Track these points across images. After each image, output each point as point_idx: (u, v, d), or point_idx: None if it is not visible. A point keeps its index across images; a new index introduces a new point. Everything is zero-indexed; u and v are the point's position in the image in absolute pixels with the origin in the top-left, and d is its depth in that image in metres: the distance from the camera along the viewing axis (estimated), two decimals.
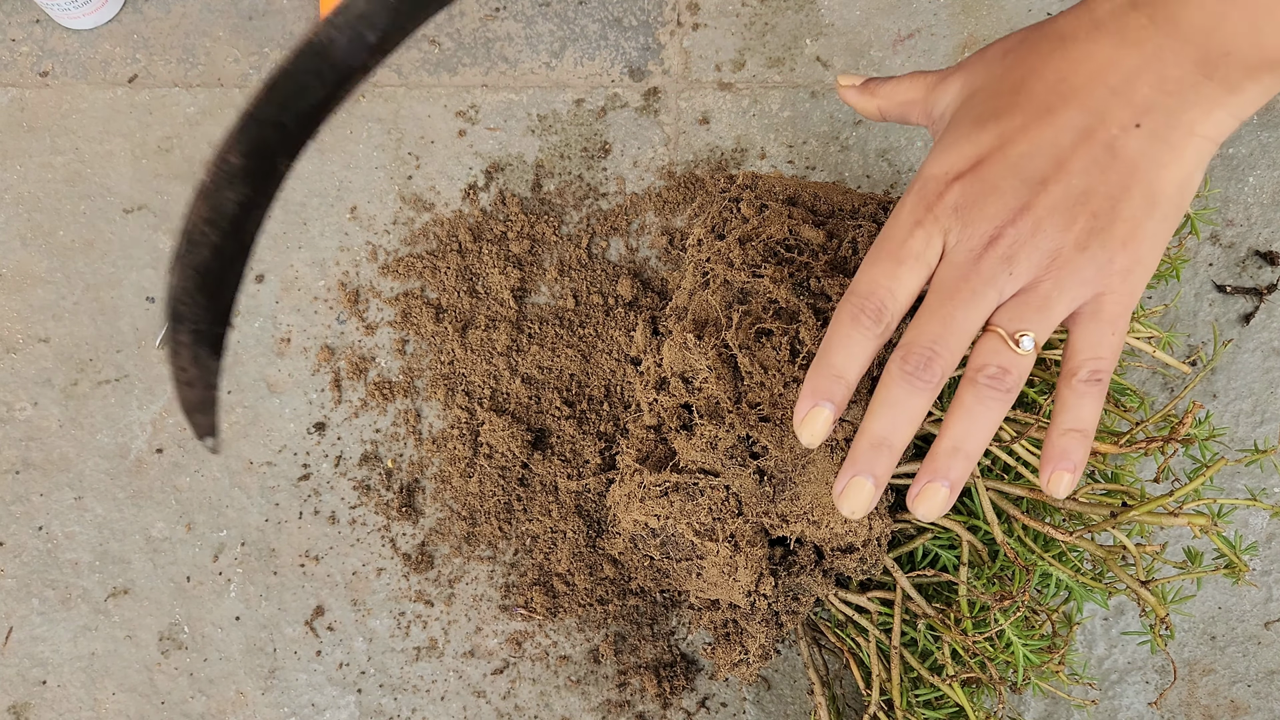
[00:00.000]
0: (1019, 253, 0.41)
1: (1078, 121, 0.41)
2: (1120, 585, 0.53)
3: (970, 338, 0.42)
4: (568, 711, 0.66)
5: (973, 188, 0.42)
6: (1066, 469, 0.43)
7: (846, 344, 0.44)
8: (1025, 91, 0.42)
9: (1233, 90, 0.40)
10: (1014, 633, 0.51)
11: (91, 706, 0.66)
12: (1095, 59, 0.41)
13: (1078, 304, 0.42)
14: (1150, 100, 0.40)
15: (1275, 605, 0.69)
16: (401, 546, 0.68)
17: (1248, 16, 0.38)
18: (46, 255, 0.71)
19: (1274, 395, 0.71)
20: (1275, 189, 0.73)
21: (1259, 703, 0.68)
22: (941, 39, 0.74)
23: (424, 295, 0.71)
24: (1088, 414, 0.43)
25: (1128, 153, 0.41)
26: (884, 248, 0.43)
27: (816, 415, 0.44)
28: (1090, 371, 0.43)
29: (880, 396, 0.43)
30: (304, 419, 0.69)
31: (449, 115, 0.73)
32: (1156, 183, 0.41)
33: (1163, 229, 0.42)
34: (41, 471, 0.69)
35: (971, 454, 0.43)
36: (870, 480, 0.44)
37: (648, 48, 0.74)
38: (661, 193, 0.72)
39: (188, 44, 0.74)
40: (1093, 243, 0.41)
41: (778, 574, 0.54)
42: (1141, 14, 0.40)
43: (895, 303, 0.43)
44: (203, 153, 0.72)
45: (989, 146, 0.42)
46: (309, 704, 0.66)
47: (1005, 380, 0.42)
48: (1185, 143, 0.41)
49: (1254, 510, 0.69)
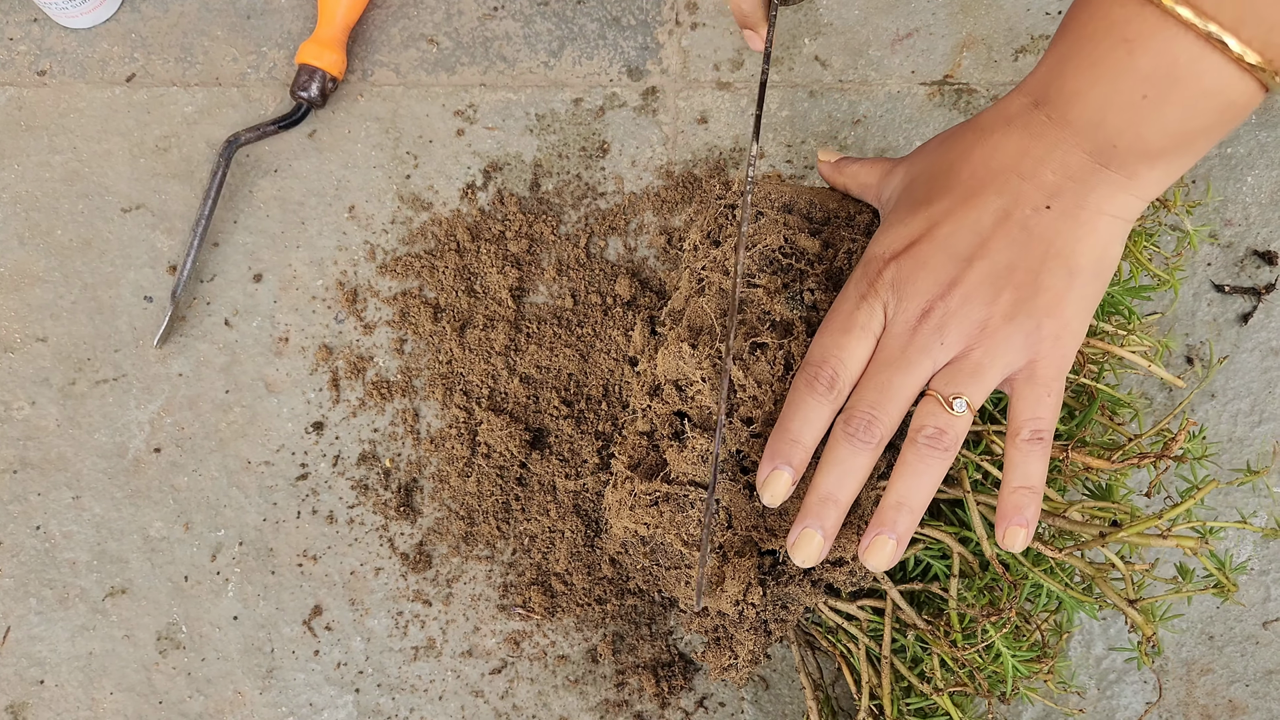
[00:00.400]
0: (949, 323, 0.46)
1: (996, 204, 0.46)
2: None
3: (908, 401, 0.47)
4: (566, 711, 0.66)
5: (907, 265, 0.47)
6: (1020, 524, 0.47)
7: (803, 411, 0.48)
8: (952, 177, 0.48)
9: (1130, 176, 0.45)
10: (1003, 644, 0.51)
11: (89, 706, 0.66)
12: (1007, 150, 0.46)
13: (1012, 369, 0.47)
14: (1056, 184, 0.45)
15: (1273, 605, 0.69)
16: (399, 546, 0.68)
17: (1124, 116, 0.43)
18: (44, 254, 0.71)
19: (1272, 395, 0.71)
20: (1273, 189, 0.73)
21: (1257, 702, 0.68)
22: (940, 38, 0.74)
23: (422, 295, 0.71)
24: (1035, 471, 0.47)
25: (1042, 230, 0.45)
26: (834, 320, 0.48)
27: (777, 478, 0.48)
28: (1031, 431, 0.46)
29: (827, 456, 0.48)
30: (302, 418, 0.69)
31: (447, 114, 0.73)
32: (1073, 256, 0.46)
33: (1086, 296, 0.46)
34: (39, 471, 0.69)
35: (915, 508, 0.47)
36: (819, 532, 0.48)
37: (646, 47, 0.74)
38: (660, 192, 0.72)
39: (186, 43, 0.74)
40: (1019, 313, 0.45)
41: (766, 584, 0.54)
42: (1042, 112, 0.46)
43: (846, 371, 0.47)
44: (201, 152, 0.72)
45: (921, 229, 0.47)
46: (307, 703, 0.66)
47: (942, 440, 0.46)
48: (1095, 220, 0.46)
49: (1251, 513, 0.69)
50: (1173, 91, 0.42)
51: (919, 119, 0.73)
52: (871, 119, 0.73)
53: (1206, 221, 0.72)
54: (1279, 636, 0.69)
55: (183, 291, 0.69)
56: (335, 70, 0.71)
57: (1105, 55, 0.43)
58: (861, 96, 0.74)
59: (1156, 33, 0.41)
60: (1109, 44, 0.43)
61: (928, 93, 0.74)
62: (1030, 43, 0.74)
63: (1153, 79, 0.42)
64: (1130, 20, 0.42)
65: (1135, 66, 0.42)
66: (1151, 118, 0.43)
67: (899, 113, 0.73)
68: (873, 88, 0.74)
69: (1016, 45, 0.74)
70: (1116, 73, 0.43)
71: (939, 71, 0.74)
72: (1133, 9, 0.42)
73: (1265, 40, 0.40)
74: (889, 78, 0.74)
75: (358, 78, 0.74)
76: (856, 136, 0.73)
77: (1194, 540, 0.48)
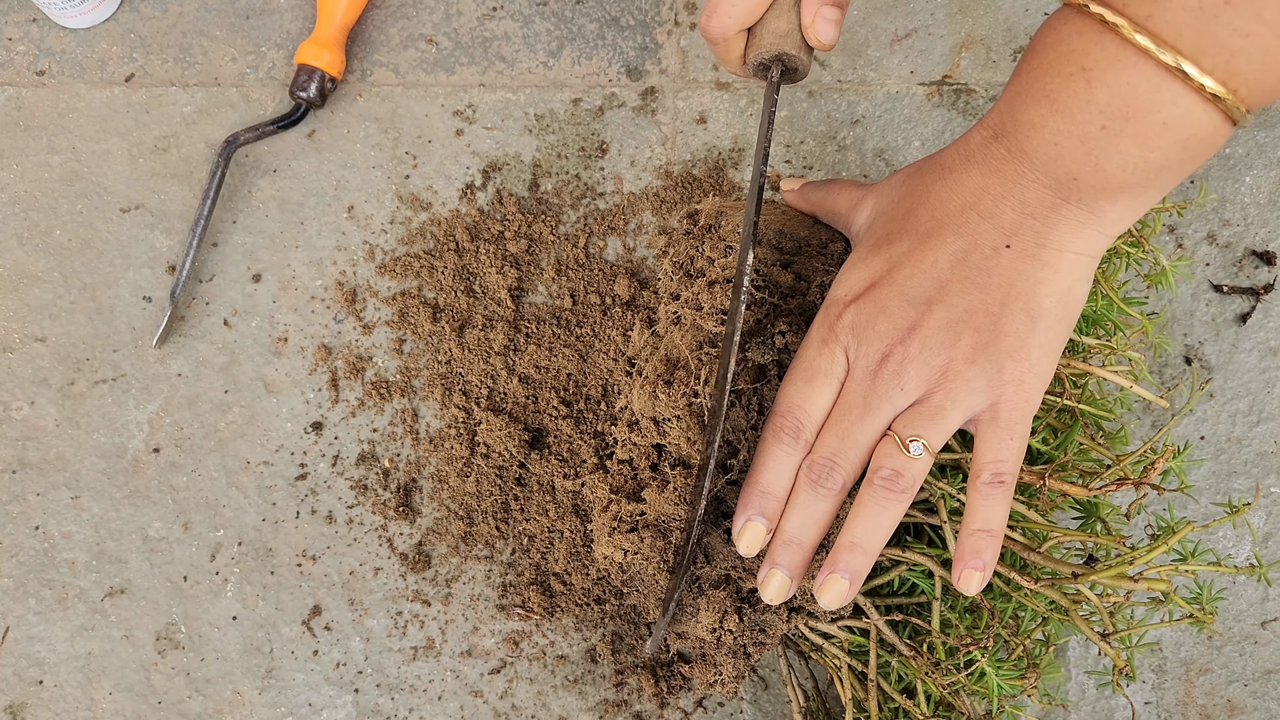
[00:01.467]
0: (907, 369, 0.45)
1: (954, 245, 0.45)
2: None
3: (869, 447, 0.47)
4: (565, 711, 0.66)
5: (865, 309, 0.46)
6: (976, 568, 0.47)
7: (771, 462, 0.48)
8: (911, 219, 0.47)
9: (1092, 210, 0.44)
10: (989, 665, 0.51)
11: (88, 706, 0.66)
12: (967, 187, 0.45)
13: (974, 412, 0.46)
14: (1016, 223, 0.44)
15: (1272, 605, 0.69)
16: (399, 546, 0.68)
17: (1082, 147, 0.42)
18: (43, 254, 0.71)
19: (1270, 395, 0.71)
20: (1272, 189, 0.73)
21: (1255, 702, 0.68)
22: (939, 38, 0.74)
23: (421, 295, 0.71)
24: (995, 515, 0.46)
25: (1001, 271, 0.45)
26: (797, 367, 0.48)
27: (751, 529, 0.49)
28: (993, 474, 0.46)
29: (792, 501, 0.48)
30: (301, 419, 0.69)
31: (446, 115, 0.73)
32: (1034, 298, 0.45)
33: (1049, 339, 0.45)
34: (38, 471, 0.69)
35: (870, 550, 0.47)
36: (785, 572, 0.49)
37: (645, 47, 0.74)
38: (659, 192, 0.72)
39: (185, 43, 0.74)
40: (979, 356, 0.45)
41: (743, 611, 0.54)
42: (1001, 145, 0.45)
43: (810, 419, 0.48)
44: (200, 152, 0.72)
45: (880, 272, 0.47)
46: (306, 704, 0.66)
47: (898, 482, 0.46)
48: (1058, 259, 0.45)
49: (1252, 509, 0.70)
50: (1131, 123, 0.40)
51: (918, 119, 0.73)
52: (870, 119, 0.73)
53: (1205, 222, 0.72)
54: (1277, 636, 0.69)
55: (182, 291, 0.69)
56: (334, 70, 0.71)
57: (1063, 85, 0.42)
58: (860, 97, 0.74)
59: (1114, 61, 0.40)
60: (1067, 73, 0.41)
61: (926, 93, 0.74)
62: (1028, 42, 0.74)
63: (1110, 110, 0.41)
64: (1089, 49, 0.41)
65: (1093, 97, 0.41)
66: (1110, 150, 0.41)
67: (898, 113, 0.73)
68: (871, 88, 0.74)
69: (1015, 45, 0.74)
70: (1074, 103, 0.41)
71: (938, 72, 0.74)
72: (1091, 37, 0.41)
73: (1227, 69, 0.39)
74: (888, 78, 0.74)
75: (357, 78, 0.74)
76: (855, 136, 0.73)
77: (1165, 583, 0.48)
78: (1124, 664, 0.50)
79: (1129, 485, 0.49)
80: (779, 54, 0.52)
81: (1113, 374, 0.53)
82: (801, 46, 0.52)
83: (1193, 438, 0.71)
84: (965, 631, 0.54)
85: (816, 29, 0.51)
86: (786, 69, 0.53)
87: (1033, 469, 0.51)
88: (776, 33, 0.51)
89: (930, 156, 0.49)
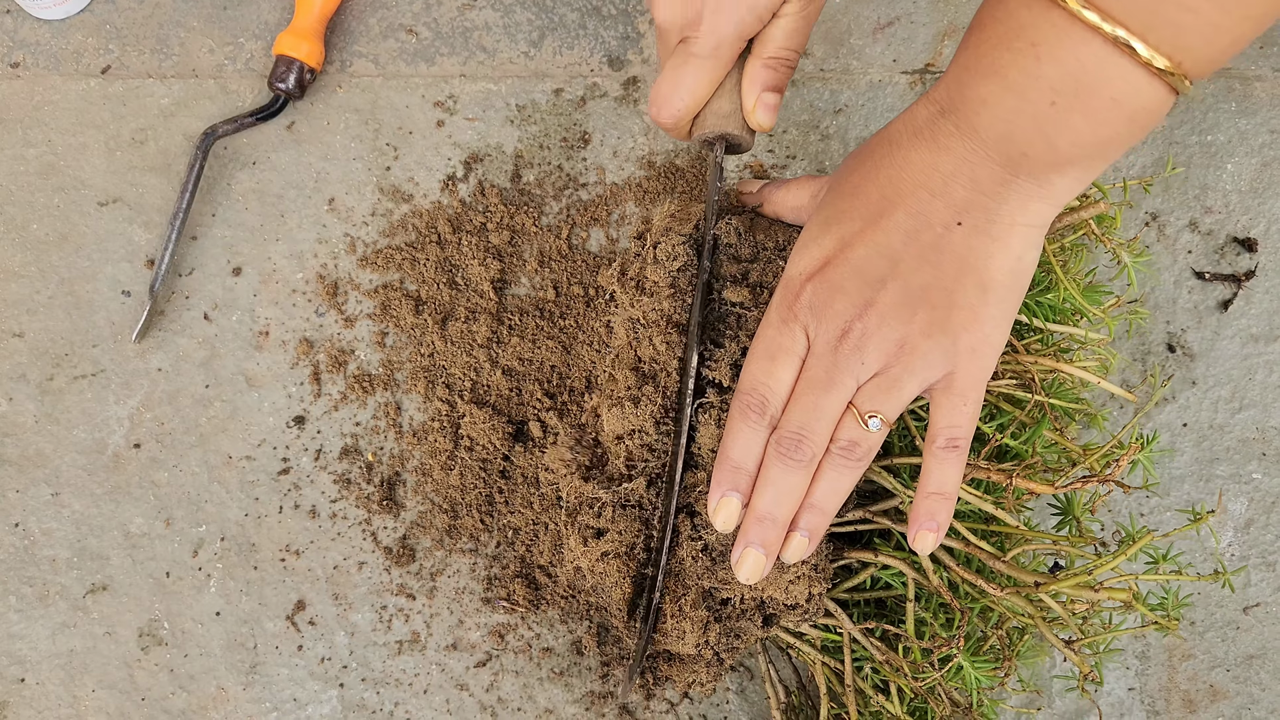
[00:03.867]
0: (867, 344, 0.47)
1: (905, 224, 0.46)
2: None
3: (834, 418, 0.48)
4: (551, 703, 0.66)
5: (822, 288, 0.48)
6: (930, 529, 0.49)
7: (741, 439, 0.49)
8: (862, 196, 0.48)
9: (1042, 184, 0.44)
10: (965, 659, 0.52)
11: (71, 704, 0.66)
12: (915, 165, 0.46)
13: (930, 382, 0.48)
14: (967, 200, 0.45)
15: (1254, 590, 0.70)
16: (383, 540, 0.68)
17: (1034, 124, 0.42)
18: (20, 249, 0.70)
19: (1252, 381, 0.71)
20: (1253, 176, 0.73)
21: (1238, 687, 0.69)
22: (921, 26, 0.74)
23: (403, 287, 0.70)
24: (950, 478, 0.48)
25: (954, 248, 0.46)
26: (759, 346, 0.50)
27: (726, 504, 0.50)
28: (947, 439, 0.48)
29: (763, 477, 0.49)
30: (283, 413, 0.69)
31: (427, 105, 0.73)
32: (986, 272, 0.46)
33: (1002, 310, 0.47)
34: (17, 468, 0.68)
35: (828, 510, 0.50)
36: (761, 550, 0.50)
37: (627, 37, 0.74)
38: (642, 182, 0.72)
39: (161, 34, 0.73)
40: (935, 330, 0.46)
41: (721, 617, 0.55)
42: (949, 121, 0.45)
43: (775, 395, 0.49)
44: (178, 144, 0.72)
45: (832, 249, 0.48)
46: (290, 699, 0.66)
47: (855, 452, 0.48)
48: (1009, 233, 0.45)
49: (1231, 495, 0.70)
50: (1081, 99, 0.41)
51: (900, 108, 0.73)
52: (853, 108, 0.73)
53: (1186, 209, 0.73)
54: (1260, 622, 0.69)
55: (161, 286, 0.69)
56: (313, 61, 0.70)
57: (1012, 61, 0.42)
58: (843, 85, 0.73)
59: (1064, 37, 0.40)
60: (1016, 49, 0.41)
61: (909, 81, 0.74)
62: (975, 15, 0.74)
63: (1060, 86, 0.41)
64: (1038, 24, 0.41)
65: (1042, 73, 0.41)
66: (1061, 126, 0.42)
67: (880, 101, 0.73)
68: (854, 77, 0.74)
69: None
70: (1024, 80, 0.41)
71: (920, 60, 0.74)
72: (1039, 12, 0.41)
73: (1174, 44, 0.39)
74: (870, 66, 0.74)
75: (336, 69, 0.73)
76: (838, 125, 0.73)
77: (1125, 594, 0.49)
78: (1089, 670, 0.51)
79: (1094, 482, 0.50)
80: (722, 134, 0.54)
81: (1081, 369, 0.54)
82: (743, 126, 0.54)
83: (1175, 425, 0.71)
84: (939, 630, 0.54)
85: (757, 114, 0.54)
86: (730, 145, 0.56)
87: (1000, 467, 0.52)
88: (720, 113, 0.54)
89: (877, 134, 0.49)
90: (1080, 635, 0.52)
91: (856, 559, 0.56)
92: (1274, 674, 0.69)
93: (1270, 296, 0.72)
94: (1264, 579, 0.69)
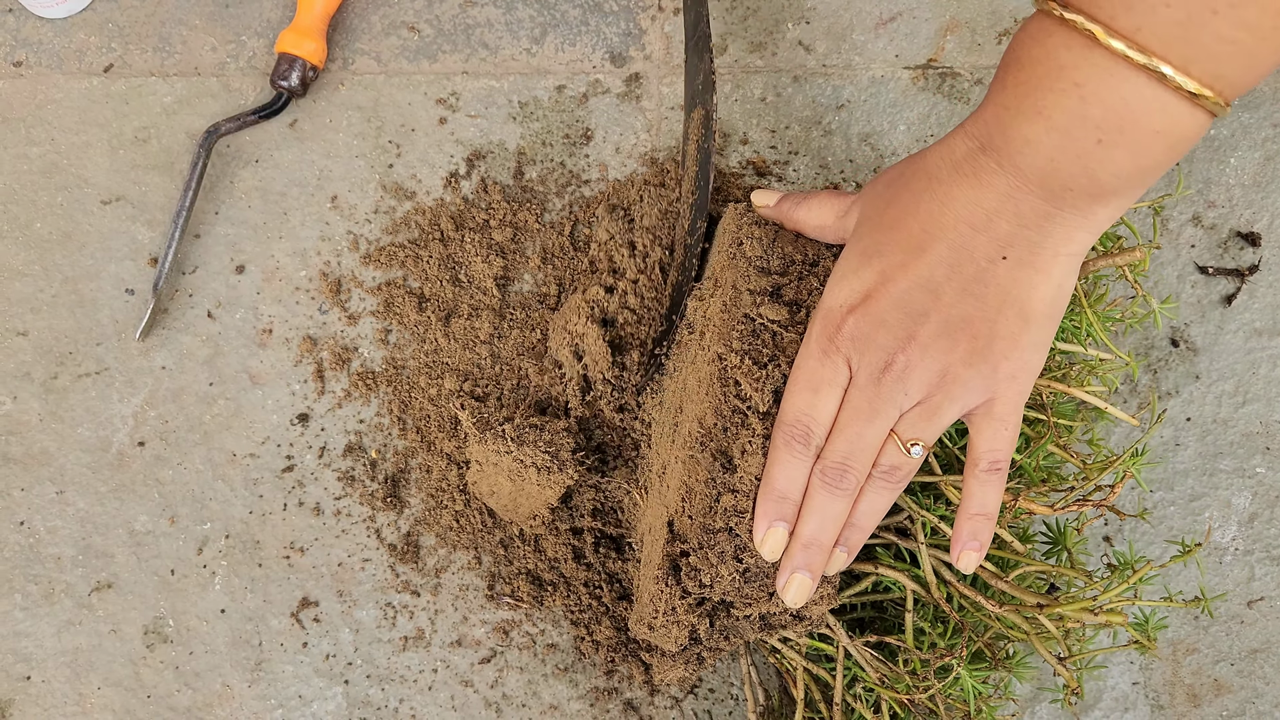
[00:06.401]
0: (910, 375, 0.48)
1: (948, 257, 0.47)
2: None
3: (876, 447, 0.50)
4: (556, 700, 0.66)
5: (865, 321, 0.48)
6: (974, 549, 0.50)
7: (785, 469, 0.51)
8: (902, 229, 0.48)
9: (1085, 215, 0.45)
10: (964, 670, 0.53)
11: (76, 701, 0.66)
12: (958, 201, 0.46)
13: (969, 408, 0.49)
14: (1011, 234, 0.46)
15: (1258, 584, 0.70)
16: (387, 537, 0.68)
17: (1076, 160, 0.43)
18: (24, 248, 0.70)
19: (1256, 376, 0.71)
20: (1256, 170, 0.73)
21: (1242, 681, 0.69)
22: (924, 22, 0.74)
23: (406, 284, 0.70)
24: (991, 499, 0.50)
25: (998, 281, 0.46)
26: (799, 378, 0.50)
27: (773, 535, 0.51)
28: (989, 463, 0.49)
29: (807, 504, 0.51)
30: (287, 410, 0.69)
31: (429, 103, 0.73)
32: (1029, 302, 0.47)
33: (1041, 336, 0.48)
34: (22, 466, 0.68)
35: (866, 529, 0.52)
36: (807, 575, 0.51)
37: (629, 33, 0.74)
38: (645, 179, 0.72)
39: (164, 32, 0.73)
40: (976, 360, 0.47)
41: (716, 616, 0.55)
42: (990, 159, 0.45)
43: (818, 425, 0.50)
44: (181, 142, 0.72)
45: (874, 282, 0.48)
46: (296, 696, 0.66)
47: (895, 476, 0.50)
48: (1052, 264, 0.46)
49: (1235, 490, 0.70)
50: (1125, 134, 0.42)
51: (903, 103, 0.73)
52: (855, 104, 0.73)
53: (1190, 204, 0.73)
54: (1263, 616, 0.69)
55: (164, 284, 0.69)
56: (315, 59, 0.70)
57: (1056, 103, 0.42)
58: (845, 81, 0.73)
59: (1107, 76, 0.41)
60: (1060, 90, 0.42)
61: (911, 77, 0.73)
62: (1013, 25, 0.74)
63: (1105, 125, 0.41)
64: (1079, 65, 0.41)
65: (1088, 114, 0.42)
66: (1105, 161, 0.42)
67: (883, 97, 0.73)
68: (856, 72, 0.73)
69: (1000, 28, 0.74)
70: (1069, 121, 0.42)
71: (923, 55, 0.74)
72: (1079, 52, 0.41)
73: (1213, 74, 0.40)
74: (873, 62, 0.74)
75: (338, 66, 0.73)
76: (841, 121, 0.73)
77: (1121, 617, 0.51)
78: (1076, 685, 0.53)
79: (1090, 505, 0.52)
80: None
81: (1089, 394, 0.55)
82: None
83: (1179, 419, 0.71)
84: (937, 639, 0.56)
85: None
86: None
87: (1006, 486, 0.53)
88: None
89: (914, 159, 0.49)
90: (1068, 652, 0.54)
91: (857, 569, 0.57)
92: (1278, 668, 0.69)
93: (1274, 291, 0.72)
94: (1268, 573, 0.69)
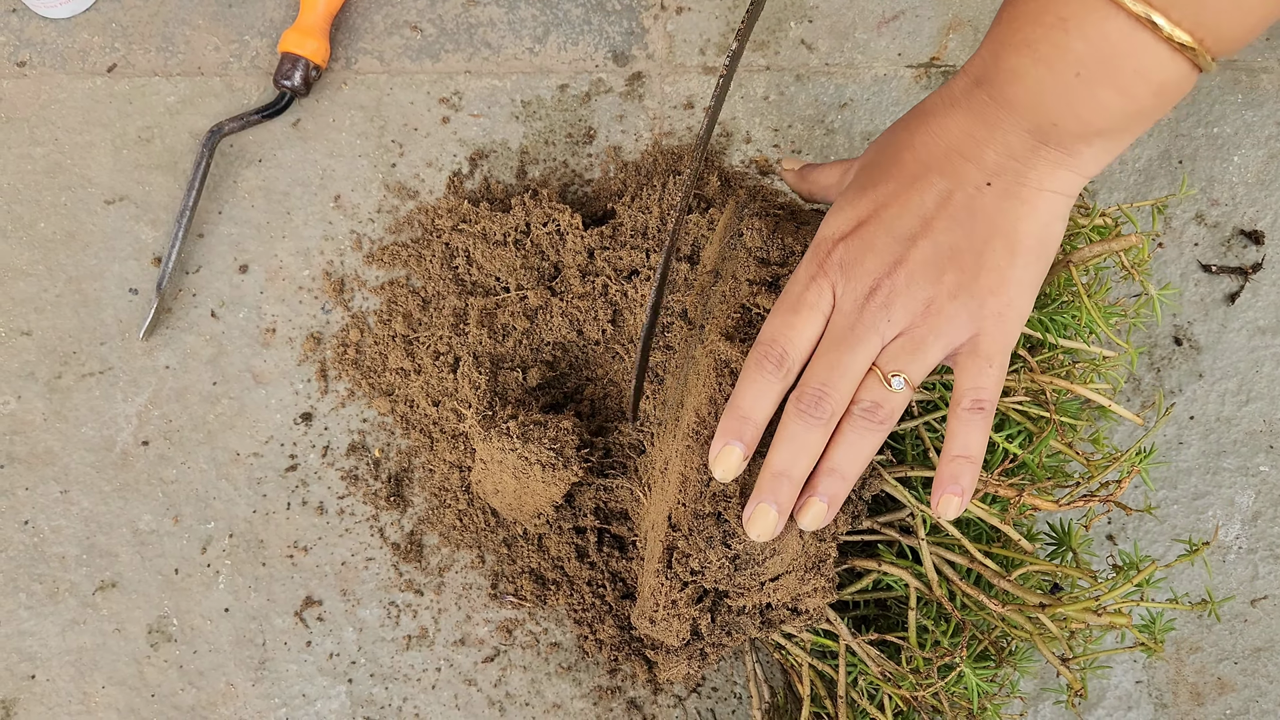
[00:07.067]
0: (895, 301, 0.47)
1: (940, 185, 0.47)
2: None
3: (857, 377, 0.48)
4: (559, 698, 0.66)
5: (854, 246, 0.48)
6: (955, 493, 0.48)
7: (753, 388, 0.49)
8: (898, 163, 0.49)
9: (1069, 153, 0.46)
10: (967, 666, 0.53)
11: (81, 700, 0.66)
12: (951, 131, 0.47)
13: (954, 345, 0.48)
14: (998, 164, 0.46)
15: (1261, 583, 0.69)
16: (390, 536, 0.68)
17: (1063, 96, 0.44)
18: (27, 247, 0.70)
19: (1259, 374, 0.71)
20: (1260, 168, 0.73)
21: (1245, 679, 0.69)
22: (926, 20, 0.74)
23: (409, 284, 0.70)
24: (975, 441, 0.48)
25: (984, 209, 0.46)
26: (784, 301, 0.49)
27: (728, 453, 0.49)
28: (972, 400, 0.48)
29: (780, 433, 0.49)
30: (290, 409, 0.69)
31: (432, 102, 0.73)
32: (1014, 234, 0.47)
33: (1029, 274, 0.47)
34: (26, 465, 0.68)
35: (848, 476, 0.49)
36: (774, 507, 0.49)
37: (631, 32, 0.74)
38: None
39: (167, 32, 0.73)
40: (962, 292, 0.47)
41: (716, 611, 0.55)
42: (983, 91, 0.46)
43: (795, 349, 0.48)
44: (184, 142, 0.72)
45: (867, 212, 0.48)
46: (299, 694, 0.66)
47: (877, 414, 0.48)
48: (1036, 198, 0.47)
49: (1239, 488, 0.70)
50: (1106, 71, 0.43)
51: (906, 102, 0.73)
52: (858, 102, 0.73)
53: (1193, 202, 0.73)
54: (1267, 614, 0.69)
55: (168, 283, 0.69)
56: (318, 58, 0.70)
57: (1043, 35, 0.43)
58: (848, 80, 0.73)
59: (1090, 13, 0.42)
60: (1046, 23, 0.43)
61: (914, 75, 0.73)
62: None
63: (1086, 59, 0.42)
64: (1067, 0, 0.42)
65: (1070, 46, 0.43)
66: (1087, 97, 0.43)
67: (886, 95, 0.73)
68: (859, 71, 0.73)
69: None
70: (1052, 52, 0.43)
71: (925, 54, 0.74)
72: None
73: (1195, 20, 0.41)
74: (875, 60, 0.74)
75: (341, 66, 0.73)
76: (843, 120, 0.73)
77: (1125, 618, 0.50)
78: (1080, 685, 0.52)
79: (1097, 501, 0.51)
80: None
81: (1092, 391, 0.54)
82: None
83: (1182, 418, 0.71)
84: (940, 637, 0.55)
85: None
86: None
87: (1009, 481, 0.52)
88: None
89: (915, 107, 0.50)
90: (1072, 653, 0.53)
91: (860, 566, 0.57)
92: None
93: (1278, 289, 0.72)
94: (1271, 571, 0.69)
